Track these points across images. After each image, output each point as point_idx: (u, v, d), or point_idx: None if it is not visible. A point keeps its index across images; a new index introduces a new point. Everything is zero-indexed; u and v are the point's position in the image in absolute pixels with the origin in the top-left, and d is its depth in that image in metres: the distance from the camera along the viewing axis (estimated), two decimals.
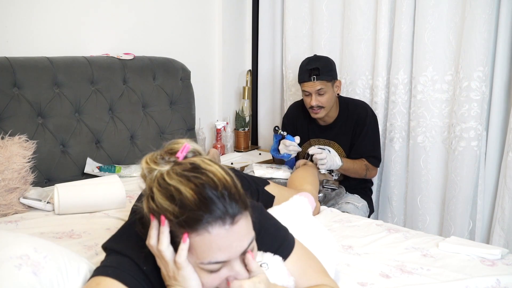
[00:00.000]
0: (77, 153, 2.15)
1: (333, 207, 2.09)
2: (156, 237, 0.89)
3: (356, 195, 2.39)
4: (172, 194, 0.85)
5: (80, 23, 2.32)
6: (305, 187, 1.94)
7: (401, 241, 1.61)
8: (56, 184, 1.81)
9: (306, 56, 2.77)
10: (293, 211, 1.47)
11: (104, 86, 2.26)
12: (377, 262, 1.43)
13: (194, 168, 0.88)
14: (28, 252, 0.97)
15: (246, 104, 3.12)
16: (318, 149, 2.19)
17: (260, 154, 3.00)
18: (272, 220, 1.13)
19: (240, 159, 2.86)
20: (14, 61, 2.00)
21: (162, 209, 0.86)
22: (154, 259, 0.94)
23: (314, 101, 2.27)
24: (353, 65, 2.64)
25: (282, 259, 1.06)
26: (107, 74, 2.27)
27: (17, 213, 1.76)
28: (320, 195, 2.09)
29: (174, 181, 0.86)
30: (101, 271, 0.95)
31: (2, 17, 2.06)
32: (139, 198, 1.21)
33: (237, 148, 3.08)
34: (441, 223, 2.43)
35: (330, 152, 2.21)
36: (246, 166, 2.54)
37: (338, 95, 2.40)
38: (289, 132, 2.34)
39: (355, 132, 2.35)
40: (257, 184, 1.76)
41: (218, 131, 2.92)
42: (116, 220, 1.71)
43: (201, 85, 2.88)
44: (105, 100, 2.26)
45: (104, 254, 1.03)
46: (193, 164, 0.88)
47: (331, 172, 2.31)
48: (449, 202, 2.34)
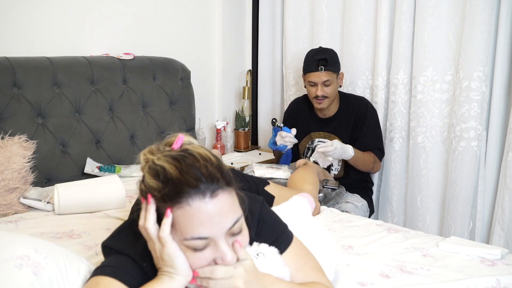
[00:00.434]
0: (77, 153, 2.15)
1: (333, 207, 2.09)
2: (144, 217, 0.91)
3: (356, 195, 2.39)
4: (158, 172, 0.88)
5: (80, 23, 2.32)
6: (305, 187, 1.94)
7: (401, 241, 1.61)
8: (56, 184, 1.82)
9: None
10: (293, 212, 1.47)
11: (104, 86, 2.26)
12: (377, 262, 1.43)
13: (182, 151, 0.91)
14: (29, 253, 0.97)
15: (246, 104, 3.12)
16: (326, 143, 2.18)
17: (260, 154, 3.00)
18: (272, 214, 1.14)
19: (240, 159, 2.86)
20: (14, 61, 2.00)
21: (149, 188, 0.89)
22: (152, 256, 0.95)
23: (320, 91, 2.29)
24: (353, 65, 2.64)
25: (279, 252, 1.06)
26: (107, 74, 2.27)
27: (17, 213, 1.76)
28: (320, 195, 2.09)
29: (161, 161, 0.89)
30: (100, 271, 0.96)
31: (2, 17, 2.06)
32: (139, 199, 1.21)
33: (237, 148, 3.09)
34: (441, 223, 2.43)
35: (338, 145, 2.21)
36: (246, 166, 2.54)
37: (339, 91, 2.43)
38: (289, 126, 2.36)
39: (356, 126, 2.37)
40: (257, 184, 1.76)
41: (218, 131, 2.92)
42: (116, 220, 1.71)
43: (201, 85, 2.88)
44: (105, 100, 2.26)
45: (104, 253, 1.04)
46: (183, 149, 0.92)
47: (330, 167, 2.31)
48: (449, 202, 2.34)
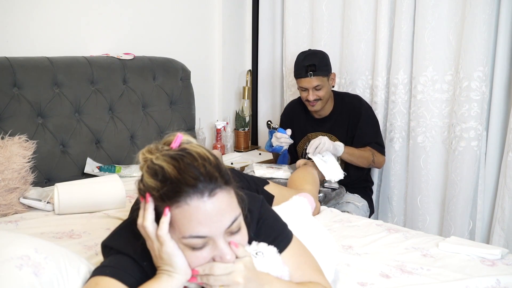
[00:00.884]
0: (77, 153, 2.15)
1: (334, 207, 2.09)
2: (143, 216, 0.91)
3: (356, 195, 2.39)
4: (156, 171, 0.88)
5: (80, 23, 2.32)
6: (306, 187, 1.94)
7: (401, 241, 1.61)
8: (56, 184, 1.81)
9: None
10: (293, 212, 1.47)
11: (104, 86, 2.26)
12: (377, 262, 1.43)
13: (180, 150, 0.91)
14: (29, 253, 0.97)
15: (246, 104, 3.12)
16: (311, 143, 2.18)
17: (260, 154, 3.00)
18: (272, 213, 1.14)
19: (240, 159, 2.86)
20: (14, 61, 1.99)
21: (147, 187, 0.89)
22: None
23: (312, 96, 2.30)
24: (353, 65, 2.64)
25: (278, 251, 1.07)
26: (107, 74, 2.27)
27: (17, 213, 1.76)
28: (321, 195, 2.09)
29: (160, 161, 0.89)
30: (100, 271, 0.96)
31: (2, 17, 2.06)
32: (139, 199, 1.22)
33: (237, 148, 3.09)
34: (441, 223, 2.43)
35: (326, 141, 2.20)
36: (246, 166, 2.54)
37: (333, 90, 2.43)
38: (286, 128, 2.37)
39: (352, 123, 2.37)
40: (257, 184, 1.76)
41: (218, 131, 2.92)
42: (116, 220, 1.71)
43: (201, 85, 2.88)
44: (105, 100, 2.26)
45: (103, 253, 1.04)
46: (181, 148, 0.92)
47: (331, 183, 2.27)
48: (449, 202, 2.34)
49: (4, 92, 1.95)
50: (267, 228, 1.08)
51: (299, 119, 2.49)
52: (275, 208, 1.48)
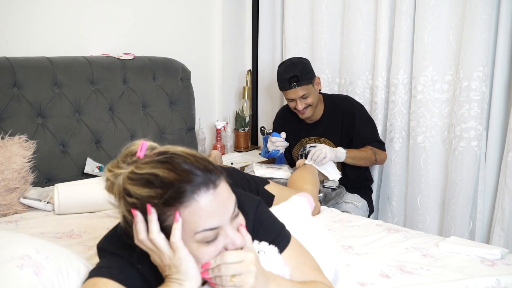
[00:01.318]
0: (77, 153, 2.15)
1: (333, 207, 2.09)
2: (145, 230, 0.89)
3: (356, 195, 2.39)
4: (149, 180, 0.86)
5: (80, 23, 2.32)
6: (306, 187, 1.94)
7: (401, 241, 1.61)
8: (56, 184, 1.82)
9: (305, 56, 2.77)
10: (292, 211, 1.47)
11: (104, 86, 2.26)
12: (377, 262, 1.43)
13: (160, 154, 0.90)
14: (30, 253, 0.97)
15: (246, 104, 3.12)
16: (314, 151, 2.18)
17: (260, 154, 3.00)
18: (269, 214, 1.13)
19: (240, 159, 2.86)
20: (14, 61, 1.99)
21: (144, 198, 0.87)
22: (148, 258, 0.94)
23: (300, 105, 2.30)
24: (353, 65, 2.64)
25: (278, 251, 1.07)
26: (107, 74, 2.27)
27: (17, 213, 1.77)
28: (321, 195, 2.09)
29: (146, 169, 0.87)
30: (96, 272, 0.96)
31: (2, 17, 2.06)
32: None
33: (237, 148, 3.09)
34: (441, 223, 2.43)
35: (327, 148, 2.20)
36: (246, 166, 2.55)
37: (321, 92, 2.43)
38: (279, 132, 2.39)
39: (346, 125, 2.37)
40: (257, 184, 1.76)
41: (218, 131, 2.91)
42: (116, 220, 1.69)
43: (201, 85, 2.88)
44: (105, 100, 2.26)
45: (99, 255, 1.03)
46: (159, 153, 0.91)
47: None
48: (449, 202, 2.34)
49: (4, 92, 1.95)
50: (266, 230, 1.08)
51: (291, 125, 2.50)
52: (275, 208, 1.48)
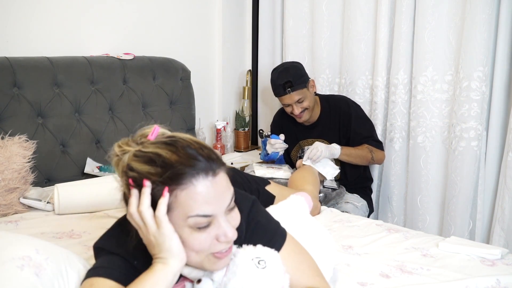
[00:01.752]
0: (77, 153, 2.15)
1: (333, 207, 2.09)
2: (136, 204, 0.90)
3: (356, 195, 2.39)
4: (152, 158, 0.89)
5: (80, 23, 2.32)
6: (306, 187, 1.94)
7: (401, 241, 1.61)
8: (56, 184, 1.82)
9: (305, 57, 2.77)
10: (290, 210, 1.47)
11: (104, 86, 2.26)
12: (377, 262, 1.43)
13: (168, 137, 0.93)
14: (30, 254, 0.97)
15: (246, 104, 3.12)
16: (309, 150, 2.18)
17: (260, 157, 3.00)
18: (264, 213, 1.13)
19: (240, 159, 2.86)
20: (14, 61, 1.99)
21: (143, 174, 0.89)
22: (143, 253, 0.95)
23: (297, 110, 2.31)
24: (353, 65, 2.64)
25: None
26: (107, 74, 2.27)
27: (17, 213, 1.77)
28: (321, 195, 2.09)
29: (151, 148, 0.90)
30: (93, 273, 0.96)
31: (2, 17, 2.06)
32: None
33: (237, 148, 3.09)
34: (441, 223, 2.43)
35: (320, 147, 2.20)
36: (246, 166, 2.55)
37: (317, 94, 2.44)
38: (277, 134, 2.39)
39: (343, 126, 2.37)
40: (258, 184, 1.76)
41: (218, 131, 2.91)
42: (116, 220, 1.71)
43: (201, 85, 2.88)
44: (105, 100, 2.26)
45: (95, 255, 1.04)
46: (167, 136, 0.94)
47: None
48: (449, 202, 2.34)
49: (4, 92, 1.95)
50: (261, 230, 1.07)
51: (289, 128, 2.50)
52: (272, 208, 1.48)
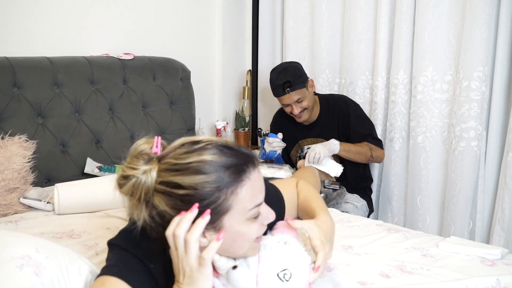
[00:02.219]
0: (77, 153, 2.15)
1: (333, 207, 2.09)
2: (187, 227, 0.86)
3: (356, 195, 2.39)
4: (198, 167, 0.86)
5: (80, 23, 2.32)
6: None
7: (401, 241, 1.61)
8: (56, 184, 1.81)
9: (305, 57, 2.77)
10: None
11: (104, 86, 2.26)
12: (377, 262, 1.43)
13: (191, 144, 0.90)
14: (30, 253, 0.97)
15: (246, 104, 3.12)
16: (308, 153, 2.18)
17: (259, 156, 3.00)
18: (269, 186, 1.19)
19: None
20: (14, 61, 1.99)
21: (198, 185, 0.85)
22: (161, 258, 0.93)
23: (296, 110, 2.31)
24: (353, 65, 2.64)
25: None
26: (107, 74, 2.27)
27: (17, 213, 1.76)
28: (322, 196, 2.09)
29: (190, 158, 0.87)
30: (107, 271, 0.95)
31: (2, 17, 2.06)
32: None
33: None
34: (441, 223, 2.43)
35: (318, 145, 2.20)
36: None
37: (316, 93, 2.44)
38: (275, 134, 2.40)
39: (342, 125, 2.37)
40: None
41: (218, 131, 2.92)
42: (116, 220, 1.71)
43: (201, 85, 2.88)
44: (105, 100, 2.26)
45: (107, 251, 1.02)
46: (183, 144, 0.91)
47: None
48: (449, 202, 2.34)
49: (4, 92, 1.95)
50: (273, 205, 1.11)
51: (288, 127, 2.50)
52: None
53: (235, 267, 0.97)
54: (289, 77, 2.26)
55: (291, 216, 1.32)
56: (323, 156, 2.16)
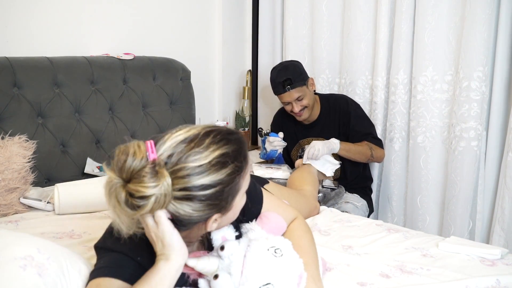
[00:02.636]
0: (77, 153, 2.15)
1: (333, 207, 2.09)
2: None
3: (356, 195, 2.39)
4: (220, 161, 0.90)
5: (80, 23, 2.32)
6: (305, 187, 1.94)
7: (401, 241, 1.61)
8: (56, 184, 1.82)
9: (305, 57, 2.77)
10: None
11: (104, 86, 2.26)
12: (377, 262, 1.43)
13: (191, 141, 0.91)
14: (32, 253, 0.97)
15: (246, 104, 3.12)
16: (307, 150, 2.19)
17: (260, 156, 3.00)
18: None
19: None
20: (14, 61, 1.99)
21: (226, 179, 0.92)
22: (146, 248, 0.95)
23: (296, 108, 2.31)
24: (353, 65, 2.64)
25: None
26: (107, 74, 2.27)
27: (17, 213, 1.77)
28: (320, 195, 2.09)
29: (209, 156, 0.89)
30: (97, 273, 0.96)
31: (2, 17, 2.06)
32: None
33: None
34: (441, 223, 2.43)
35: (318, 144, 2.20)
36: None
37: (317, 93, 2.44)
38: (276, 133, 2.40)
39: (343, 124, 2.37)
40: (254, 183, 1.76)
41: None
42: None
43: (201, 85, 2.88)
44: (105, 100, 2.26)
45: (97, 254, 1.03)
46: (182, 141, 0.92)
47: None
48: (449, 202, 2.34)
49: (4, 92, 1.95)
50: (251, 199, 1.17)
51: (289, 127, 2.50)
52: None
53: (216, 277, 0.98)
54: (289, 75, 2.26)
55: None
56: (322, 154, 2.16)
